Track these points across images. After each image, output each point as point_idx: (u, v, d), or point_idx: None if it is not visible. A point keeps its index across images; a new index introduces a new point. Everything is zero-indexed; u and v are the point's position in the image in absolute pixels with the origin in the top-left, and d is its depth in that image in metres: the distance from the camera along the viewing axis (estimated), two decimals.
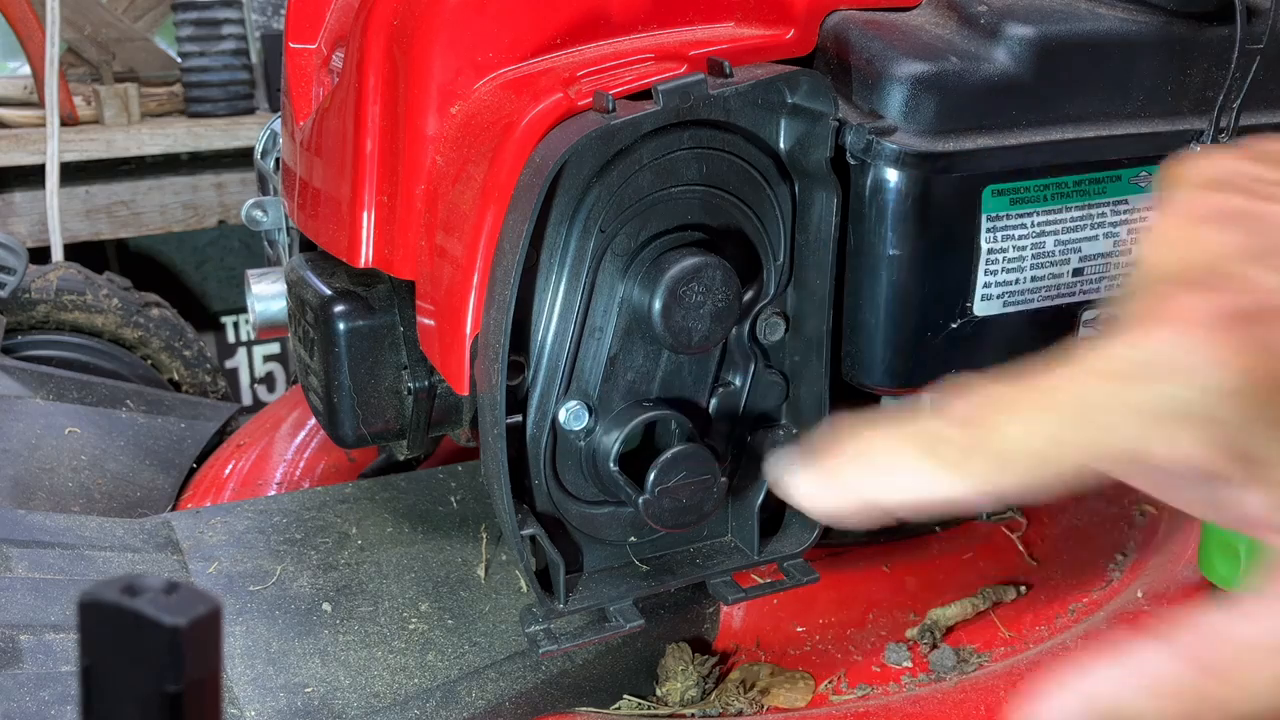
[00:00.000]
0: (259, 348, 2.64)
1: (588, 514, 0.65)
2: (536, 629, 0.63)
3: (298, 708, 0.70)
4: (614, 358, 0.62)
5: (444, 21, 0.65)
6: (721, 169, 0.61)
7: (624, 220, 0.60)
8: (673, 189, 0.60)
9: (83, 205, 2.24)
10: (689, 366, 0.64)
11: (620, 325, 0.61)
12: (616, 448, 0.62)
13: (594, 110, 0.57)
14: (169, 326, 1.73)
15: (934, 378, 0.65)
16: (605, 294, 0.61)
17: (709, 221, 0.62)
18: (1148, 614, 0.75)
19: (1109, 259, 0.66)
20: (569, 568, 0.63)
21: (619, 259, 0.60)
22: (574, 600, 0.63)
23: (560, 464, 0.63)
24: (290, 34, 0.88)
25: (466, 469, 1.01)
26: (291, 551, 0.88)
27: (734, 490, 0.67)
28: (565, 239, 0.59)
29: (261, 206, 1.00)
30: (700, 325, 0.60)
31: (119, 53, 2.48)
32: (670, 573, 0.67)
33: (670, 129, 0.59)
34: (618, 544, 0.66)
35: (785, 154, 0.62)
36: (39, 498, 1.04)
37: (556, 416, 0.62)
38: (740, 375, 0.66)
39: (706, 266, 0.59)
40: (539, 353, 0.60)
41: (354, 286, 0.73)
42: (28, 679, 0.71)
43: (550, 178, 0.55)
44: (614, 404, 0.63)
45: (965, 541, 0.90)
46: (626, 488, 0.61)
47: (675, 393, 0.64)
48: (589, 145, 0.56)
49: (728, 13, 0.68)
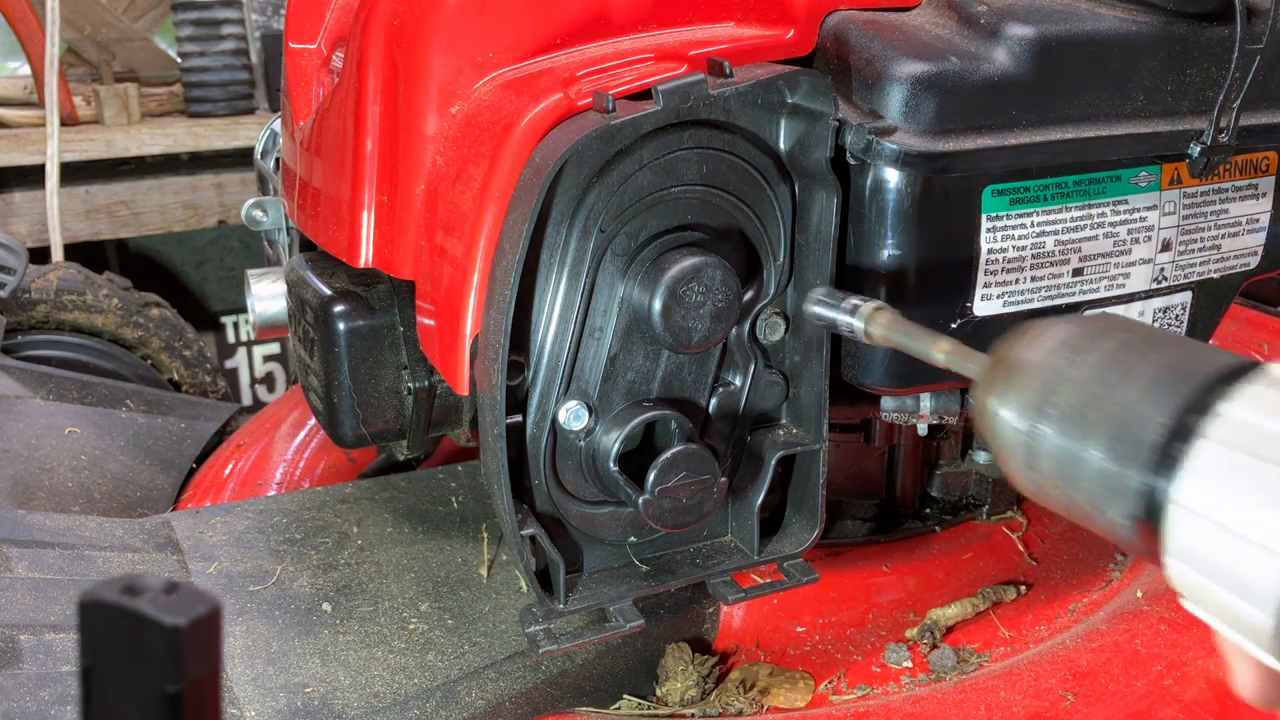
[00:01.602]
0: (259, 348, 2.64)
1: (588, 514, 0.65)
2: (536, 629, 0.63)
3: (298, 708, 0.70)
4: (614, 358, 0.62)
5: (444, 22, 0.65)
6: (721, 169, 0.61)
7: (624, 220, 0.60)
8: (673, 189, 0.60)
9: (83, 205, 2.24)
10: (689, 366, 0.64)
11: (620, 325, 0.61)
12: (616, 448, 0.62)
13: (594, 110, 0.57)
14: (169, 326, 1.73)
15: (934, 379, 0.65)
16: (605, 294, 0.61)
17: (709, 221, 0.62)
18: (1147, 614, 0.75)
19: (1109, 259, 0.66)
20: (569, 568, 0.63)
21: (619, 259, 0.60)
22: (574, 600, 0.63)
23: (560, 464, 0.63)
24: (290, 34, 0.88)
25: (466, 469, 1.01)
26: (291, 551, 0.88)
27: (734, 490, 0.67)
28: (565, 239, 0.59)
29: (261, 206, 1.00)
30: (700, 325, 0.60)
31: (119, 53, 2.48)
32: (670, 573, 0.67)
33: (670, 129, 0.59)
34: (618, 544, 0.66)
35: (785, 154, 0.62)
36: (39, 498, 1.04)
37: (556, 416, 0.62)
38: (740, 375, 0.66)
39: (706, 266, 0.59)
40: (539, 353, 0.60)
41: (354, 286, 0.73)
42: (28, 679, 0.71)
43: (550, 177, 0.55)
44: (614, 404, 0.63)
45: (965, 541, 0.90)
46: (626, 488, 0.61)
47: (675, 393, 0.64)
48: (589, 145, 0.56)
49: (727, 13, 0.68)
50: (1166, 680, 0.69)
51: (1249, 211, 0.70)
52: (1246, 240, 0.71)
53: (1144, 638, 0.73)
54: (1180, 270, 0.69)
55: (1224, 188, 0.69)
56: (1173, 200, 0.67)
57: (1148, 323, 0.69)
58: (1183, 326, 0.70)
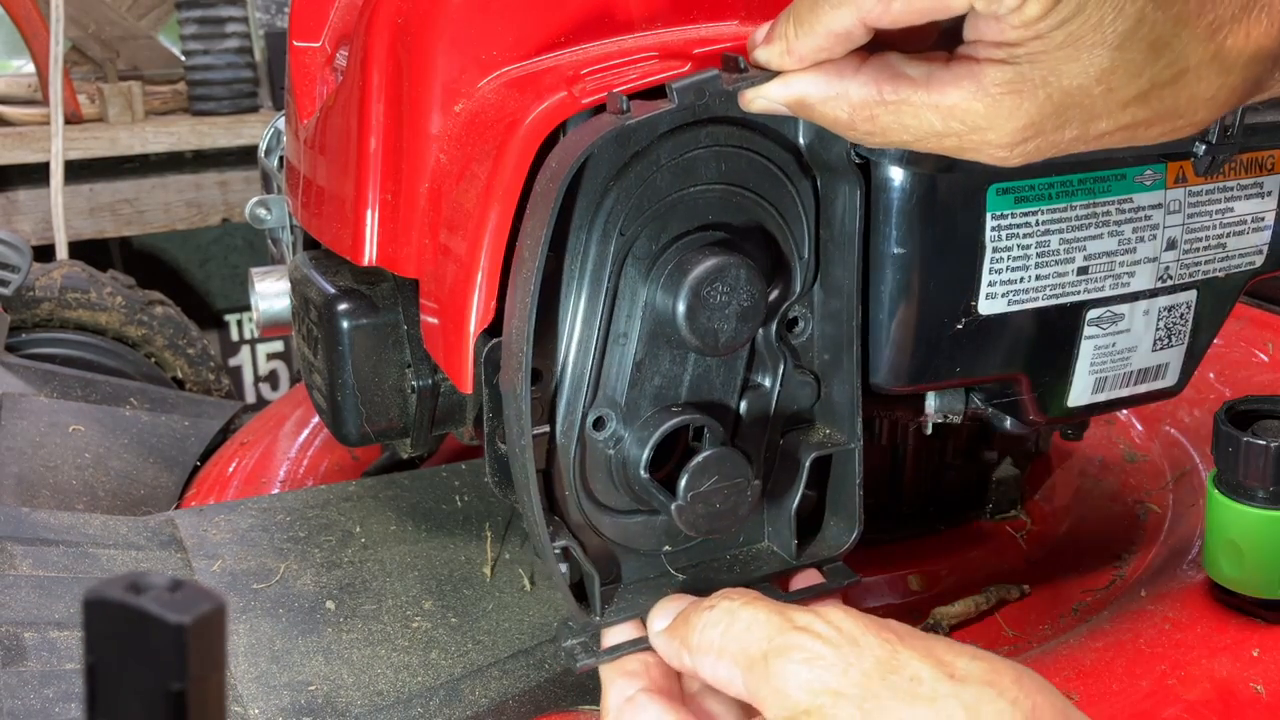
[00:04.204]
0: (262, 346, 2.65)
1: (620, 523, 0.63)
2: (573, 642, 0.61)
3: (301, 705, 0.70)
4: (640, 363, 0.60)
5: (448, 19, 0.65)
6: (741, 166, 0.60)
7: (644, 223, 0.58)
8: (692, 189, 0.59)
9: (87, 203, 2.24)
10: (717, 369, 0.63)
11: (645, 330, 0.60)
12: (646, 454, 0.60)
13: (608, 111, 0.56)
14: (173, 324, 1.73)
15: (939, 377, 0.65)
16: (628, 298, 0.59)
17: (730, 220, 0.61)
18: (1151, 613, 0.75)
19: (1114, 257, 0.66)
20: (604, 579, 0.62)
21: (640, 262, 0.59)
22: (611, 613, 0.61)
23: (590, 473, 0.61)
24: (294, 32, 0.88)
25: (470, 467, 1.01)
26: (295, 550, 0.88)
27: (769, 493, 0.66)
28: (585, 244, 0.58)
29: (265, 204, 1.00)
30: (726, 326, 0.58)
31: (123, 51, 2.49)
32: (707, 581, 0.65)
33: (687, 128, 0.58)
34: (652, 553, 0.64)
35: (806, 148, 0.61)
36: (43, 495, 1.04)
37: (584, 425, 0.60)
38: (769, 376, 0.64)
39: (729, 266, 0.57)
40: (563, 361, 0.59)
41: (358, 285, 0.73)
42: (32, 676, 0.71)
43: (566, 181, 0.54)
44: (642, 410, 0.61)
45: (969, 540, 0.90)
46: (658, 495, 0.59)
47: (704, 396, 0.63)
48: (605, 147, 0.56)
49: (731, 11, 0.68)
50: (1170, 680, 0.68)
51: (1254, 210, 0.70)
52: (1251, 239, 0.71)
53: (1147, 637, 0.72)
54: (1185, 269, 0.69)
55: (1229, 186, 0.69)
56: (1178, 199, 0.67)
57: (1153, 322, 0.69)
58: (1187, 325, 0.70)
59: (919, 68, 0.49)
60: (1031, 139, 0.48)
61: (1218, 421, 0.70)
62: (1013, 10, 0.44)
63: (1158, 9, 0.44)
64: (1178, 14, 0.44)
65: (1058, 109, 0.47)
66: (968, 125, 0.48)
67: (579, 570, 0.61)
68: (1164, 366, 0.71)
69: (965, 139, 0.48)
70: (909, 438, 0.88)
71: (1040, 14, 0.44)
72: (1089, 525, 0.93)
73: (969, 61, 0.47)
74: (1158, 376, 0.71)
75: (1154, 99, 0.47)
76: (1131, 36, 0.44)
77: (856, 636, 0.47)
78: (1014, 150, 0.48)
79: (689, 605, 0.55)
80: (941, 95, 0.48)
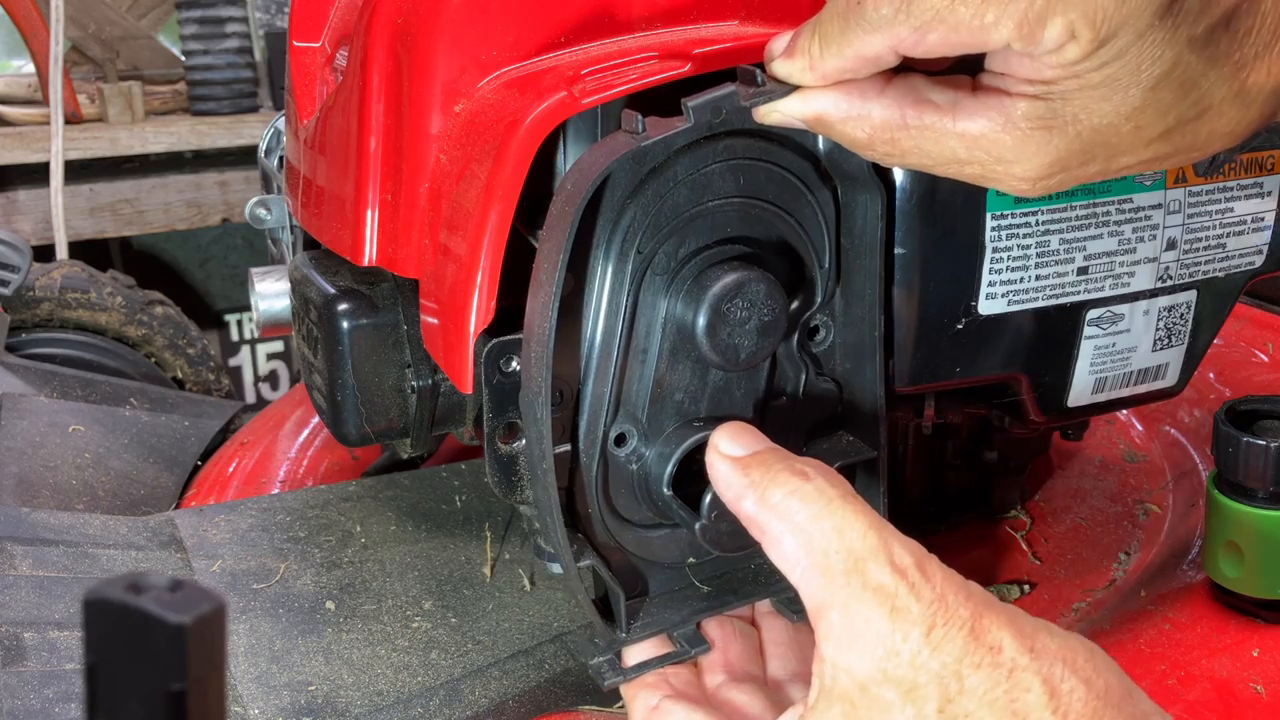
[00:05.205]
0: (262, 346, 2.65)
1: (644, 538, 0.62)
2: (600, 660, 0.60)
3: (301, 706, 0.70)
4: (660, 379, 0.60)
5: (448, 20, 0.65)
6: (759, 178, 0.59)
7: (662, 239, 0.58)
8: (710, 203, 0.58)
9: (86, 203, 2.24)
10: (738, 381, 0.62)
11: (665, 346, 0.59)
12: (669, 471, 0.59)
13: (623, 130, 0.55)
14: (172, 324, 1.73)
15: (939, 377, 0.65)
16: (648, 314, 0.59)
17: (750, 233, 0.60)
18: (1151, 613, 0.75)
19: (1114, 257, 0.66)
20: (627, 594, 0.61)
21: (659, 278, 0.58)
22: (636, 629, 0.61)
23: (613, 490, 0.61)
24: (294, 32, 0.88)
25: (470, 467, 1.01)
26: (295, 550, 0.88)
27: None
28: (604, 263, 0.57)
29: (265, 205, 1.00)
30: (747, 341, 0.58)
31: (123, 51, 2.49)
32: (733, 593, 0.64)
33: (703, 142, 0.57)
34: (676, 566, 0.64)
35: (824, 156, 0.61)
36: (43, 495, 1.04)
37: (606, 442, 0.59)
38: (791, 386, 0.63)
39: (749, 281, 0.57)
40: (584, 378, 0.58)
41: (358, 285, 0.73)
42: (32, 676, 0.71)
43: (584, 204, 0.53)
44: (664, 426, 0.60)
45: (969, 540, 0.90)
46: (681, 512, 0.59)
47: (726, 410, 0.62)
48: (622, 167, 0.55)
49: (731, 11, 0.68)
50: (1170, 680, 0.68)
51: (1254, 210, 0.70)
52: (1251, 239, 0.71)
53: (1147, 637, 0.72)
54: (1185, 269, 0.69)
55: (1229, 186, 0.69)
56: (1178, 199, 0.67)
57: (1153, 322, 0.69)
58: (1187, 325, 0.70)
59: (945, 94, 0.48)
60: (1057, 174, 0.48)
61: (1218, 421, 0.70)
62: (1051, 51, 0.44)
63: (1192, 51, 0.44)
64: (1210, 55, 0.44)
65: (1086, 146, 0.47)
66: (993, 156, 0.47)
67: (603, 586, 0.61)
68: (1164, 367, 0.71)
69: (989, 169, 0.48)
70: (909, 437, 0.88)
71: (1080, 57, 0.43)
72: (1089, 525, 0.93)
73: (998, 94, 0.47)
74: (1158, 377, 0.71)
75: (1177, 135, 0.47)
76: (1166, 78, 0.44)
77: (946, 594, 0.45)
78: (1036, 184, 0.48)
79: (768, 451, 0.50)
80: (968, 124, 0.47)
